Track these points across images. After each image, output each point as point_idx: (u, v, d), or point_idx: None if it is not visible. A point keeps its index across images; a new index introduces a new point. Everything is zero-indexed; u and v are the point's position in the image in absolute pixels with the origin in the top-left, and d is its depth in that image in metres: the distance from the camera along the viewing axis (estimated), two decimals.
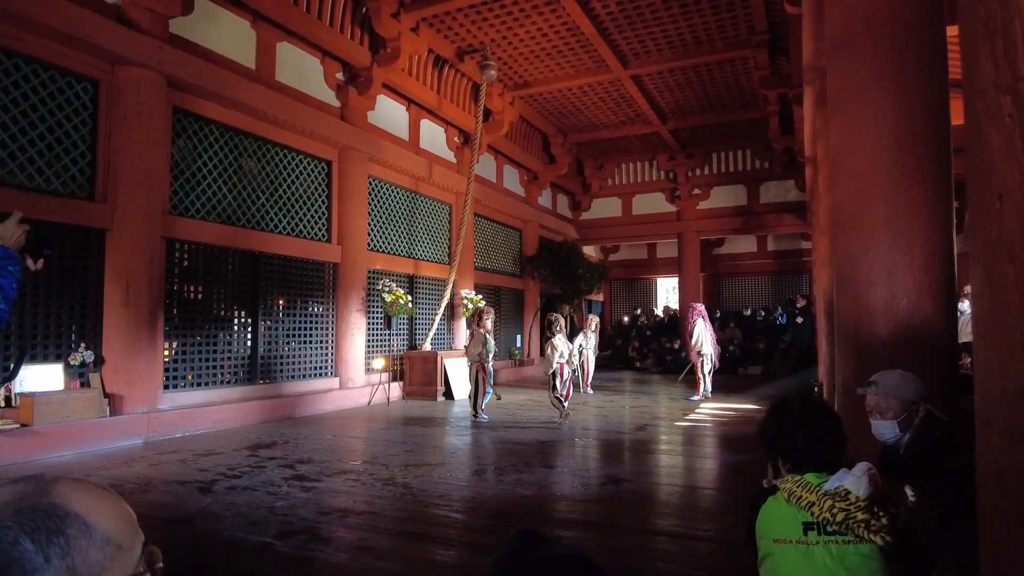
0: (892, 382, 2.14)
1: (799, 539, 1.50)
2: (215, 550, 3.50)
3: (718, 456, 6.20)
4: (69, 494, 0.63)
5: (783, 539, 1.52)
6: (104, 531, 0.63)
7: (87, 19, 6.06)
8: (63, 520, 0.61)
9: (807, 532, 1.50)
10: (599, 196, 18.47)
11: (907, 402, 2.12)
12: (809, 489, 1.52)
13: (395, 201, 11.17)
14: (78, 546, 0.61)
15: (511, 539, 0.83)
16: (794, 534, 1.51)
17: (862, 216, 2.91)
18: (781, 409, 1.71)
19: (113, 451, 5.99)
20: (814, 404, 1.70)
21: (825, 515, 1.46)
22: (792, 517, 1.53)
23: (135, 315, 6.52)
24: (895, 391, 2.12)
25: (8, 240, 1.64)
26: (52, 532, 0.60)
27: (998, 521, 0.75)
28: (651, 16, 9.79)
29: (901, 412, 2.12)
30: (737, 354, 15.95)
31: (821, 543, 1.48)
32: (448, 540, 3.70)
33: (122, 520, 0.66)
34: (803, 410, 1.66)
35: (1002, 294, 0.69)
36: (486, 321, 8.34)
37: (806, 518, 1.51)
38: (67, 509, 0.62)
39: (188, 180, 7.46)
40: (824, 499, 1.48)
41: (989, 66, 0.68)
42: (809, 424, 1.63)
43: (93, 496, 0.65)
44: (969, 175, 0.77)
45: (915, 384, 2.14)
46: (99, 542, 0.62)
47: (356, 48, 9.39)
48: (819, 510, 1.48)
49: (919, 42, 2.82)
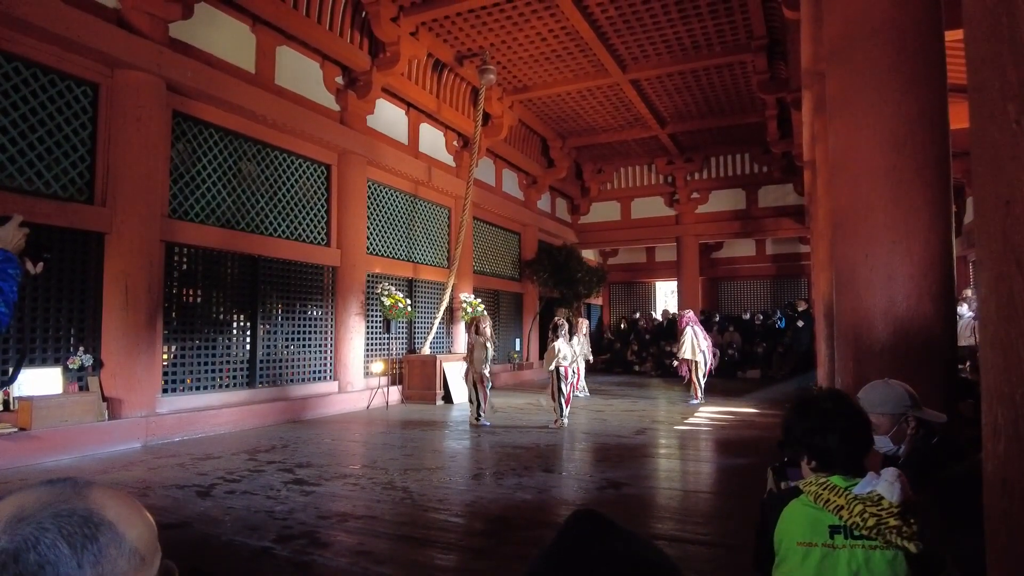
0: (876, 399, 2.08)
1: (825, 542, 1.48)
2: (214, 554, 3.49)
3: (716, 460, 6.20)
4: (104, 501, 0.64)
5: (807, 542, 1.50)
6: (132, 542, 0.63)
7: (87, 23, 6.07)
8: (98, 528, 0.61)
9: (833, 535, 1.48)
10: (598, 200, 18.49)
11: (894, 415, 2.07)
12: (837, 492, 1.50)
13: (394, 205, 11.17)
14: (108, 555, 0.61)
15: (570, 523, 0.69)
16: (820, 537, 1.49)
17: (861, 220, 2.92)
18: (811, 406, 1.65)
19: (111, 455, 5.97)
20: (846, 403, 1.65)
21: (855, 519, 1.44)
22: (817, 520, 1.51)
23: (134, 319, 6.50)
24: (880, 407, 2.06)
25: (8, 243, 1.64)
26: (87, 538, 0.60)
27: (1004, 526, 0.75)
28: (650, 20, 9.81)
29: (891, 427, 2.08)
30: (736, 358, 15.96)
31: (847, 547, 1.46)
32: (448, 544, 3.69)
33: (148, 532, 0.67)
34: (835, 409, 1.61)
35: (1009, 299, 0.69)
36: (485, 329, 8.39)
37: (833, 521, 1.48)
38: (102, 516, 0.62)
39: (187, 184, 7.46)
40: (854, 503, 1.46)
41: (995, 72, 0.68)
42: (840, 424, 1.58)
43: (125, 506, 0.66)
44: (975, 180, 0.77)
45: (898, 394, 2.08)
46: (127, 553, 0.63)
47: (355, 52, 9.41)
48: (848, 514, 1.45)
49: (917, 47, 2.83)
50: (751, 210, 16.64)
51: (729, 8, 9.48)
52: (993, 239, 0.72)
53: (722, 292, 20.14)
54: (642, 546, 0.67)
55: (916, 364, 2.69)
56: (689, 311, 11.18)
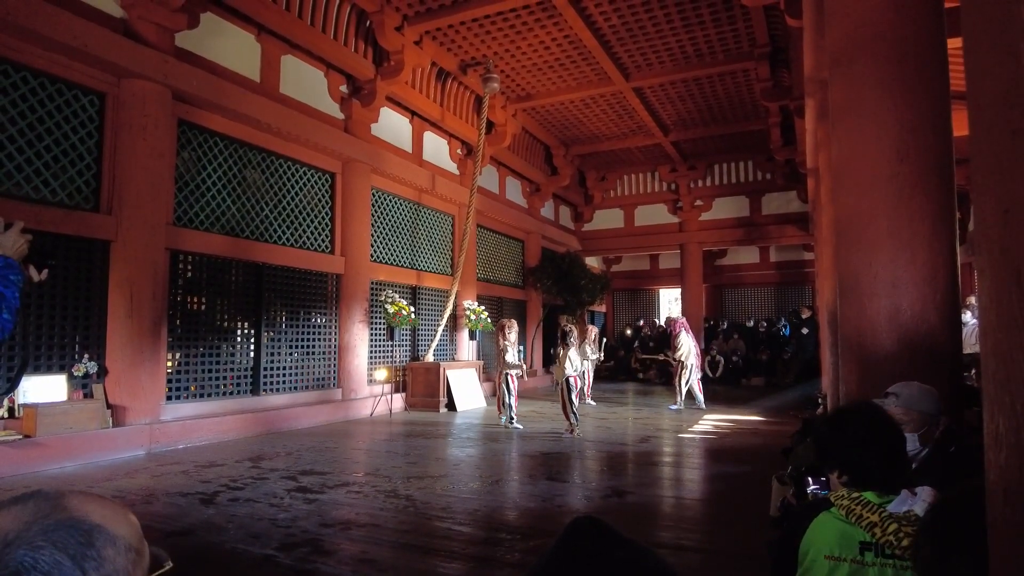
0: (914, 394, 2.07)
1: (854, 558, 1.45)
2: (217, 562, 3.49)
3: (721, 468, 6.17)
4: (85, 507, 0.64)
5: (836, 556, 1.47)
6: (125, 539, 0.64)
7: (94, 33, 6.13)
8: (90, 533, 0.61)
9: (863, 552, 1.44)
10: (601, 207, 18.51)
11: (928, 415, 2.06)
12: (870, 509, 1.46)
13: (398, 212, 11.20)
14: (107, 556, 0.61)
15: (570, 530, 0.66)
16: (849, 553, 1.46)
17: (865, 228, 2.91)
18: (847, 420, 1.61)
19: (115, 462, 5.97)
20: (885, 419, 1.61)
21: (889, 538, 1.40)
22: (848, 535, 1.47)
23: (138, 326, 6.53)
24: (917, 403, 2.05)
25: (9, 249, 1.64)
26: (83, 546, 0.60)
27: (1007, 537, 0.75)
28: (653, 29, 9.85)
29: (921, 425, 2.06)
30: (740, 365, 15.91)
31: (878, 565, 1.43)
32: (451, 553, 3.68)
33: (133, 528, 0.67)
34: (875, 424, 1.57)
35: (1009, 308, 0.69)
36: (509, 334, 8.52)
37: (864, 538, 1.45)
38: (89, 521, 0.62)
39: (192, 192, 7.50)
40: (888, 522, 1.42)
41: (995, 81, 0.69)
42: (881, 440, 1.54)
43: (105, 507, 0.66)
44: (975, 189, 0.77)
45: (934, 397, 2.09)
46: (123, 550, 0.63)
47: (360, 61, 9.46)
48: (881, 532, 1.42)
49: (920, 54, 2.83)
50: (755, 217, 16.63)
51: (732, 16, 9.51)
52: (993, 248, 0.72)
53: (726, 299, 20.11)
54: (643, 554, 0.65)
55: (921, 372, 2.67)
56: (683, 317, 11.25)
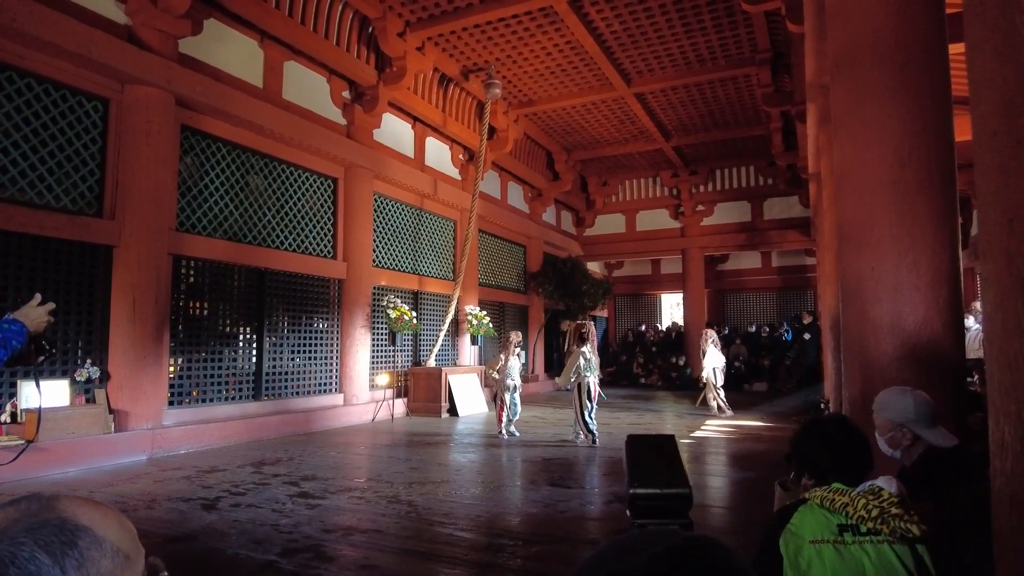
0: (884, 400, 2.13)
1: (835, 540, 1.56)
2: (219, 568, 3.48)
3: (725, 474, 6.15)
4: (74, 509, 0.64)
5: (819, 540, 1.57)
6: (113, 542, 0.64)
7: (98, 39, 6.16)
8: (74, 533, 0.62)
9: (842, 533, 1.55)
10: (603, 212, 18.52)
11: (892, 422, 2.08)
12: (840, 492, 1.59)
13: (400, 218, 11.22)
14: (91, 557, 0.61)
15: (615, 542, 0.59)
16: (830, 535, 1.57)
17: (867, 233, 2.91)
18: (814, 429, 1.87)
19: (117, 467, 5.97)
20: (845, 426, 1.82)
21: (860, 513, 1.52)
22: (826, 522, 1.58)
23: (141, 331, 6.53)
24: (882, 411, 2.11)
25: (31, 322, 1.63)
26: (65, 544, 0.60)
27: (1013, 541, 0.74)
28: (654, 34, 9.88)
29: (886, 432, 2.10)
30: (742, 370, 15.88)
31: (857, 543, 1.53)
32: (453, 559, 3.67)
33: (126, 532, 0.67)
34: (833, 431, 1.81)
35: (1014, 315, 0.69)
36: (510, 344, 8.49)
37: (840, 520, 1.57)
38: (76, 523, 0.63)
39: (195, 197, 7.52)
40: (858, 498, 1.55)
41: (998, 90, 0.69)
42: (836, 445, 1.76)
43: (96, 510, 0.66)
44: (979, 197, 0.77)
45: (904, 404, 2.06)
46: (109, 553, 0.63)
47: (362, 67, 9.50)
48: (853, 509, 1.54)
49: (922, 59, 2.83)
50: (756, 222, 16.64)
51: (733, 22, 9.54)
52: (997, 256, 0.72)
53: (728, 304, 20.09)
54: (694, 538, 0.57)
55: (924, 377, 2.67)
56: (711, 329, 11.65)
